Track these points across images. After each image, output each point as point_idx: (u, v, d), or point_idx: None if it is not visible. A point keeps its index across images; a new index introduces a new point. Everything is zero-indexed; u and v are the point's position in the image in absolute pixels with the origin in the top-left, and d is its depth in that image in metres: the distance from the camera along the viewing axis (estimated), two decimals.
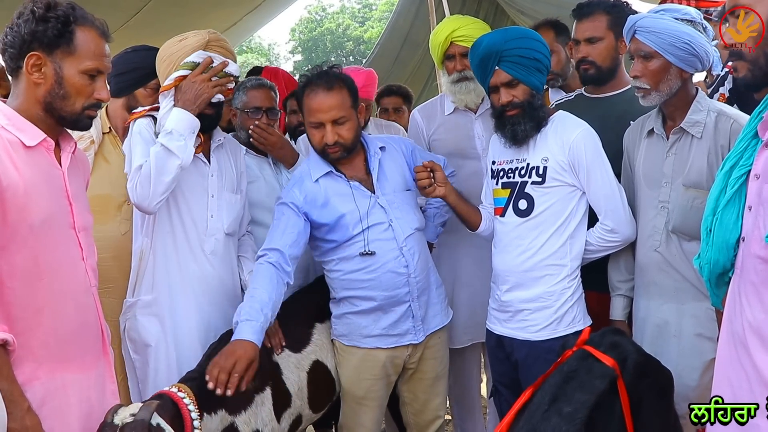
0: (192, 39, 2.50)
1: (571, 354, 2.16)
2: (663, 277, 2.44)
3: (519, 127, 2.53)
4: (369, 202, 2.59)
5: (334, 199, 2.58)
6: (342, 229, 2.57)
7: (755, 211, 1.67)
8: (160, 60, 2.56)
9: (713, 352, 2.28)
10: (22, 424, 1.73)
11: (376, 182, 2.63)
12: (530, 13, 5.85)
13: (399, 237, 2.59)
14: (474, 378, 3.34)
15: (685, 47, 2.33)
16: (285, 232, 2.51)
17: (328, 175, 2.61)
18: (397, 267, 2.58)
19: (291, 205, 2.55)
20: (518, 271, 2.58)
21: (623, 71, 2.91)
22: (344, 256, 2.59)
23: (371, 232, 2.57)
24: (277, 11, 7.07)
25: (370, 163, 2.66)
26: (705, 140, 2.34)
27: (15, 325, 1.80)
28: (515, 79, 2.49)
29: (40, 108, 1.91)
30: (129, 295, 2.58)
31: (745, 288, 1.70)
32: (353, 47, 30.86)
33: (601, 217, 2.53)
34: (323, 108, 2.50)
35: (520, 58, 2.48)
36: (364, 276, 2.57)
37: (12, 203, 1.79)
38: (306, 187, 2.59)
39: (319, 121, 2.51)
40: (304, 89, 2.55)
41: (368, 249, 2.56)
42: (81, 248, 1.99)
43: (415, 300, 2.63)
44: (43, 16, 1.86)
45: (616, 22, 2.77)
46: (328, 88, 2.50)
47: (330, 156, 2.57)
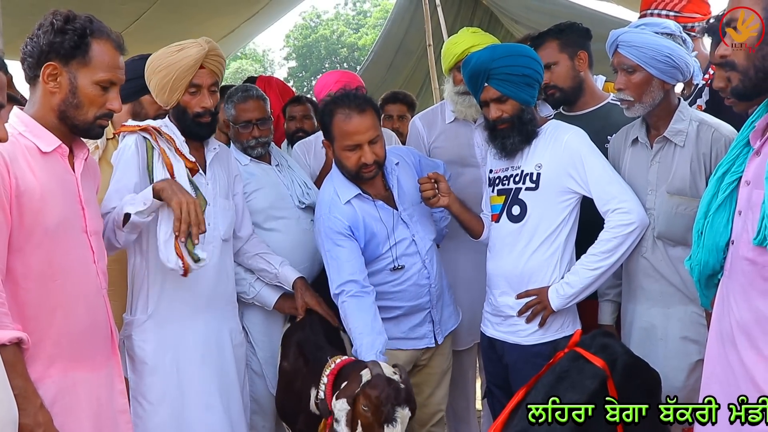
0: (192, 50, 2.50)
1: (563, 355, 2.24)
2: (649, 282, 2.50)
3: (508, 140, 2.61)
4: (393, 219, 2.69)
5: (366, 220, 2.66)
6: (373, 247, 2.67)
7: (744, 215, 1.75)
8: (155, 69, 2.53)
9: (698, 354, 2.38)
10: (35, 420, 1.77)
11: (397, 198, 2.73)
12: (524, 21, 5.92)
13: (422, 251, 2.72)
14: (469, 379, 3.42)
15: (665, 60, 2.40)
16: (349, 261, 2.59)
17: (357, 197, 2.67)
18: (421, 279, 2.72)
19: (342, 232, 2.62)
20: (510, 275, 2.64)
21: (593, 87, 3.02)
22: (372, 270, 2.68)
23: (398, 248, 2.68)
24: (274, 19, 7.10)
25: (388, 179, 2.76)
26: (687, 148, 2.41)
27: (29, 325, 1.86)
28: (504, 95, 2.56)
29: (54, 116, 1.99)
30: (127, 312, 2.56)
31: (734, 289, 1.78)
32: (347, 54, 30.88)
33: (610, 204, 2.48)
34: (360, 130, 2.57)
35: (508, 75, 2.54)
36: (392, 288, 2.70)
37: (28, 207, 1.86)
38: (342, 211, 2.64)
39: (356, 143, 2.57)
40: (335, 112, 2.60)
41: (398, 264, 2.67)
42: (93, 251, 2.06)
43: (434, 307, 2.76)
44: (62, 28, 1.94)
45: (566, 44, 2.93)
46: (360, 110, 2.58)
47: (365, 176, 2.63)
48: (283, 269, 2.79)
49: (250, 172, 3.00)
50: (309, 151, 3.54)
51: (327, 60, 31.03)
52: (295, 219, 3.01)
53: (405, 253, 2.70)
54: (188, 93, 2.53)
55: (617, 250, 2.47)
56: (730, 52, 1.76)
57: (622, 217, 2.46)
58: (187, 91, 2.52)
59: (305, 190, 3.08)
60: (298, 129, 3.99)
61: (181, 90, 2.52)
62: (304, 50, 32.58)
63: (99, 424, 2.03)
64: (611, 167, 2.57)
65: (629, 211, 2.45)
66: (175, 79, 2.50)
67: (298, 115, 4.02)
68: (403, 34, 6.95)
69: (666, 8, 3.12)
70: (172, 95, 2.53)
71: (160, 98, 2.57)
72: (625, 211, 2.46)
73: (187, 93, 2.53)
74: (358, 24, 32.55)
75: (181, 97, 2.53)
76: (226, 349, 2.65)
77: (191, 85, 2.52)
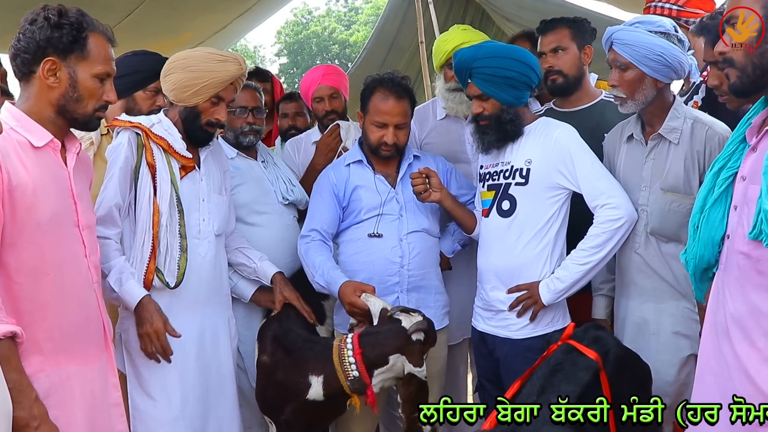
0: (233, 67, 2.54)
1: (556, 348, 2.26)
2: (642, 277, 2.52)
3: (486, 137, 2.67)
4: (387, 195, 2.83)
5: (356, 183, 2.84)
6: (357, 211, 2.81)
7: (740, 210, 1.77)
8: (185, 66, 2.53)
9: (690, 349, 2.41)
10: (30, 413, 1.78)
11: (400, 180, 2.86)
12: (515, 19, 5.93)
13: (402, 230, 2.78)
14: (461, 374, 3.43)
15: (658, 59, 2.42)
16: (322, 213, 2.83)
17: (358, 162, 2.88)
18: (393, 256, 2.76)
19: (324, 186, 2.86)
20: (500, 270, 2.65)
21: (589, 83, 3.03)
22: (351, 238, 2.84)
23: (383, 219, 2.78)
24: (267, 15, 7.08)
25: (402, 165, 2.87)
26: (682, 146, 2.43)
27: (22, 319, 1.86)
28: (485, 93, 2.61)
29: (52, 110, 1.99)
30: (122, 307, 2.54)
31: (729, 282, 1.80)
32: (339, 50, 30.85)
33: (599, 200, 2.51)
34: (392, 112, 2.78)
35: (490, 76, 2.58)
36: (364, 258, 2.77)
37: (21, 202, 1.86)
38: (338, 171, 2.90)
39: (384, 122, 2.78)
40: (375, 90, 2.81)
41: (377, 231, 2.77)
42: (84, 246, 2.05)
43: (404, 292, 2.77)
44: (58, 23, 1.94)
45: (577, 35, 2.95)
46: (398, 96, 2.79)
47: (382, 153, 2.83)
48: (262, 264, 2.83)
49: (235, 166, 3.01)
50: (299, 148, 3.55)
51: (318, 57, 30.95)
52: (278, 215, 3.03)
53: (387, 227, 2.79)
54: (210, 101, 2.55)
55: (606, 245, 2.50)
56: (729, 49, 1.78)
57: (610, 212, 2.49)
58: (210, 99, 2.55)
59: (290, 187, 3.10)
60: (290, 126, 3.97)
61: (206, 97, 2.54)
62: (295, 47, 32.51)
63: (93, 417, 2.03)
64: (600, 163, 2.59)
65: (617, 207, 2.48)
66: (206, 86, 2.52)
67: (290, 113, 4.00)
68: (395, 31, 6.95)
69: (669, 1, 3.12)
70: (193, 98, 2.54)
71: (177, 95, 2.55)
72: (613, 207, 2.48)
73: (209, 101, 2.55)
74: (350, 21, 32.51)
75: (201, 103, 2.55)
76: (222, 342, 2.67)
77: (216, 96, 2.55)
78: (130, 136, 2.51)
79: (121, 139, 2.52)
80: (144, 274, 2.44)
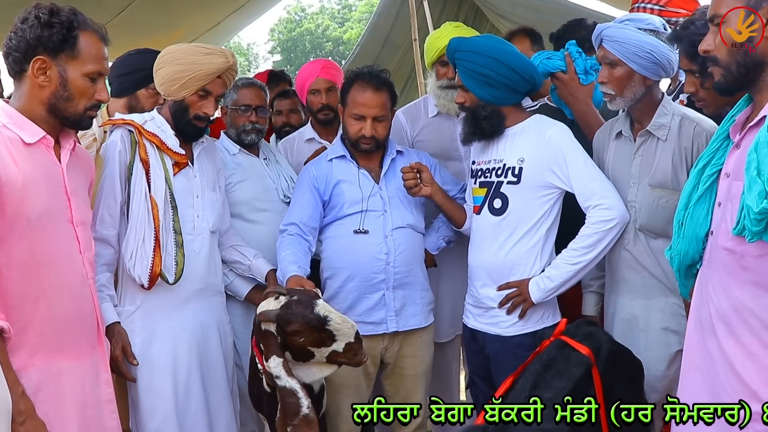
0: (218, 59, 2.53)
1: (549, 344, 2.27)
2: (631, 274, 2.53)
3: (464, 128, 2.72)
4: (371, 190, 2.81)
5: (339, 178, 2.82)
6: (340, 205, 2.79)
7: (724, 206, 1.79)
8: (172, 60, 2.54)
9: (678, 345, 2.41)
10: (17, 409, 1.79)
11: (383, 176, 2.85)
12: (509, 17, 5.92)
13: (387, 226, 2.76)
14: (453, 371, 3.43)
15: (647, 56, 2.42)
16: (302, 207, 2.80)
17: (341, 158, 2.86)
18: (378, 253, 2.74)
19: (304, 181, 2.85)
20: (491, 267, 2.66)
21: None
22: (334, 234, 2.81)
23: (367, 216, 2.76)
24: (260, 12, 7.07)
25: (384, 160, 2.87)
26: (670, 142, 2.44)
27: (12, 314, 1.87)
28: (464, 85, 2.65)
29: (43, 109, 2.00)
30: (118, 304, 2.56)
31: (712, 278, 1.82)
32: (332, 48, 30.83)
33: (591, 200, 2.51)
34: (370, 104, 2.76)
35: (468, 70, 2.62)
36: (348, 255, 2.75)
37: (10, 197, 1.86)
38: (319, 166, 2.88)
39: (362, 114, 2.77)
40: (354, 82, 2.80)
41: (363, 228, 2.75)
42: (78, 242, 2.06)
43: (390, 290, 2.76)
44: (48, 21, 1.94)
45: None
46: (377, 88, 2.77)
47: (361, 147, 2.81)
48: (256, 261, 2.83)
49: (237, 162, 3.02)
50: (291, 148, 3.53)
51: (312, 54, 30.93)
52: (278, 213, 3.01)
53: (372, 223, 2.77)
54: (197, 95, 2.55)
55: (597, 245, 2.50)
56: (713, 47, 1.79)
57: (602, 213, 2.49)
58: (197, 92, 2.55)
59: (291, 185, 3.10)
60: (284, 123, 3.97)
61: (192, 90, 2.54)
62: (288, 44, 32.49)
63: (84, 413, 2.03)
64: (593, 163, 2.59)
65: (610, 207, 2.48)
66: (191, 78, 2.52)
67: (284, 110, 3.99)
68: (389, 28, 6.94)
69: (651, 2, 3.12)
70: (180, 91, 2.54)
71: (166, 89, 2.56)
72: (605, 207, 2.49)
73: (196, 94, 2.55)
74: (343, 18, 32.50)
75: (188, 96, 2.55)
76: (214, 339, 2.67)
77: (203, 89, 2.55)
78: (122, 134, 2.52)
79: (114, 137, 2.53)
80: (150, 268, 2.43)
